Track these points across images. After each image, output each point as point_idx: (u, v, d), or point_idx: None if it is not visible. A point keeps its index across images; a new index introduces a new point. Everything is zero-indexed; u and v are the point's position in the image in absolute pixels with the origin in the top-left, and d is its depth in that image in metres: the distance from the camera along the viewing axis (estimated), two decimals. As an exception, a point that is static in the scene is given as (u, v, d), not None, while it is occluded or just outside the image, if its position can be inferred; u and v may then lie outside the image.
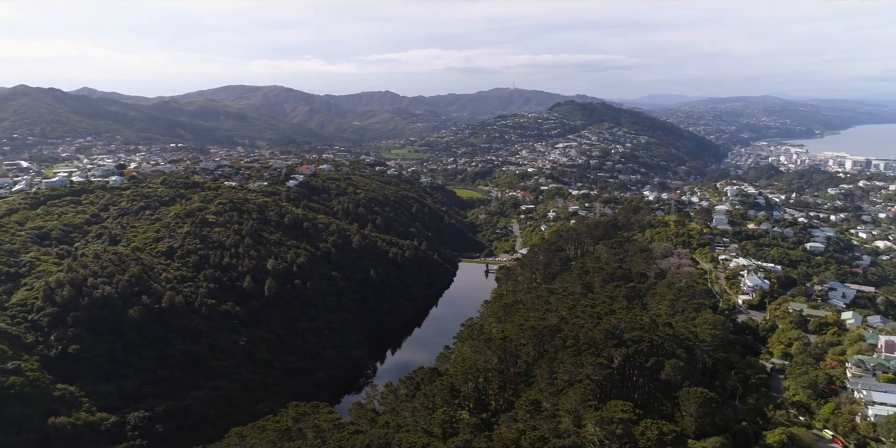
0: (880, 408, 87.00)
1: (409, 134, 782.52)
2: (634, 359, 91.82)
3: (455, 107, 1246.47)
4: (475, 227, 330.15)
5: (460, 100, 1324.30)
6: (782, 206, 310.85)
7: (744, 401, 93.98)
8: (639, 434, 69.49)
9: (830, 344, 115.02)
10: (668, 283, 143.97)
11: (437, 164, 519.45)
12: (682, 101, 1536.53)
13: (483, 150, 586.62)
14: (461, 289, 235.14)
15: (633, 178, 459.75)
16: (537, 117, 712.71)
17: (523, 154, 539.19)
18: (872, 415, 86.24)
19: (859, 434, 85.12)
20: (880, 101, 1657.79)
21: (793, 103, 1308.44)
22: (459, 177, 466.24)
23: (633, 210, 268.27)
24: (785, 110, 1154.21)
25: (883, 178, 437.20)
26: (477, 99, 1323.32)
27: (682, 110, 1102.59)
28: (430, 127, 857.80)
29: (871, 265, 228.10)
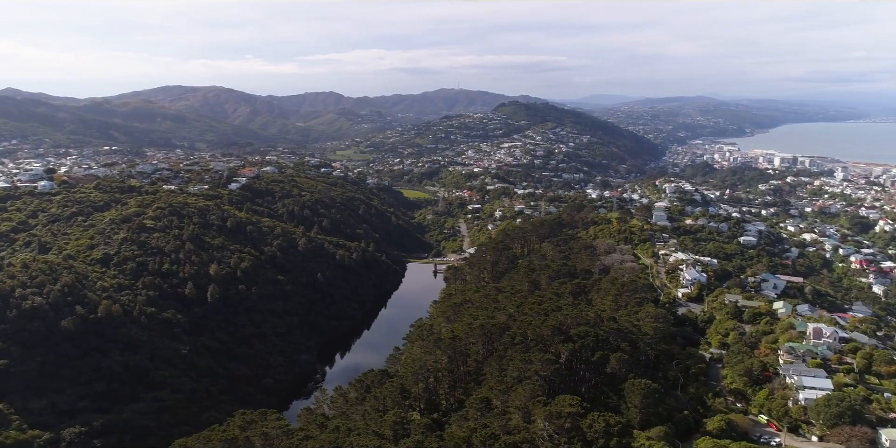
0: (810, 392, 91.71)
1: (354, 135, 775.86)
2: (581, 353, 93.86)
3: (401, 107, 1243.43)
4: (423, 227, 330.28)
5: (406, 100, 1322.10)
6: (717, 202, 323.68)
7: (685, 390, 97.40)
8: (586, 427, 71.13)
9: (764, 333, 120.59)
10: (611, 278, 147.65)
11: (383, 165, 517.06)
12: (622, 101, 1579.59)
13: (429, 151, 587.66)
14: (410, 290, 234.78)
15: (577, 177, 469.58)
16: (482, 117, 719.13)
17: (469, 154, 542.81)
18: (803, 399, 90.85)
19: (791, 417, 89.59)
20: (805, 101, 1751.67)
21: (725, 103, 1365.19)
22: (406, 177, 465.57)
23: (576, 208, 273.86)
24: (718, 110, 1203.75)
25: (808, 174, 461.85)
26: (422, 99, 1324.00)
27: (622, 110, 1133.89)
28: (375, 128, 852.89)
29: (799, 257, 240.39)
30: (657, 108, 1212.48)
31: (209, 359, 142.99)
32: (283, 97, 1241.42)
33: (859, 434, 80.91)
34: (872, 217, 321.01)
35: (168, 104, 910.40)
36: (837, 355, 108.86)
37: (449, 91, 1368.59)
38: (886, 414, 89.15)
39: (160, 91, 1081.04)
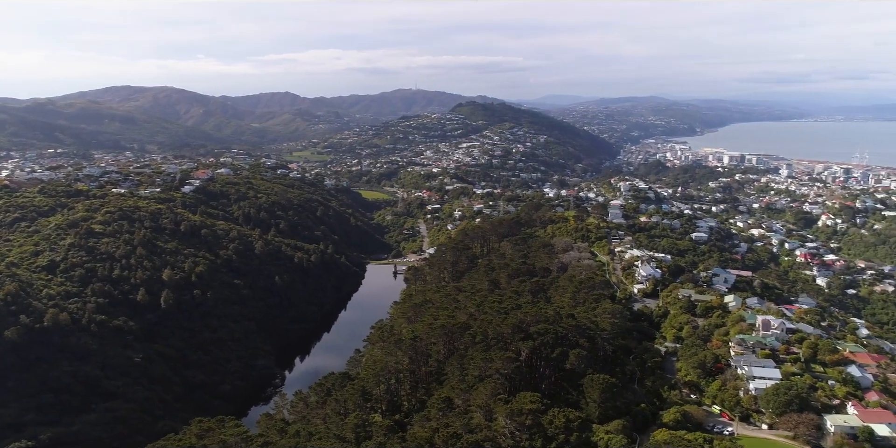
0: (760, 382, 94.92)
1: (311, 136, 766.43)
2: (541, 351, 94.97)
3: (358, 108, 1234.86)
4: (382, 228, 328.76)
5: (363, 101, 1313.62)
6: (670, 200, 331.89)
7: (642, 384, 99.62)
8: (547, 423, 72.06)
9: (716, 326, 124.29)
10: (569, 276, 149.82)
11: (341, 166, 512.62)
12: (577, 101, 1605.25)
13: (387, 151, 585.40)
14: (370, 291, 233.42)
15: (534, 177, 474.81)
16: (440, 118, 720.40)
17: (428, 154, 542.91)
18: (753, 388, 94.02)
19: (743, 407, 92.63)
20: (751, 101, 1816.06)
21: (676, 103, 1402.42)
22: (365, 178, 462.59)
23: (534, 207, 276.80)
24: (670, 110, 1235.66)
25: (755, 172, 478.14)
26: (380, 100, 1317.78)
27: (577, 110, 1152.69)
28: (332, 128, 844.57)
29: (747, 251, 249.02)
30: (611, 108, 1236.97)
31: (163, 366, 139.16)
32: (237, 98, 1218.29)
33: (806, 421, 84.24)
34: (815, 212, 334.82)
35: (116, 105, 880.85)
36: (785, 346, 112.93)
37: (406, 91, 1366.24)
38: (831, 401, 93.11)
39: (108, 91, 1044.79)
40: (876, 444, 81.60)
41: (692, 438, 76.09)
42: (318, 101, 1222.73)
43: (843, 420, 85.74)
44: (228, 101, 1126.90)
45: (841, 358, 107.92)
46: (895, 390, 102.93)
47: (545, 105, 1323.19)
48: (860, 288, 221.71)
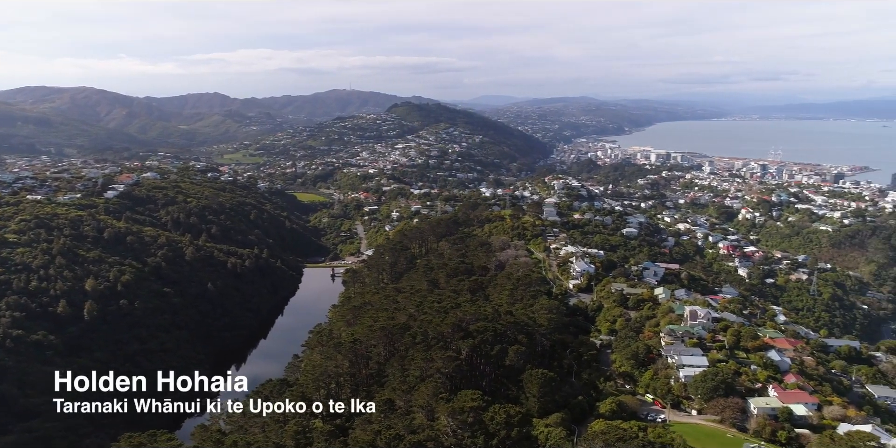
0: (689, 369, 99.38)
1: (242, 137, 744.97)
2: (481, 348, 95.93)
3: (291, 108, 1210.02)
4: (319, 231, 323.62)
5: (296, 101, 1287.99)
6: (602, 197, 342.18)
7: (579, 377, 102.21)
8: (488, 420, 72.78)
9: (647, 317, 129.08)
10: (507, 273, 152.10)
11: (274, 168, 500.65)
12: (511, 101, 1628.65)
13: (323, 153, 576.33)
14: (308, 295, 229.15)
15: (471, 176, 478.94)
16: (376, 118, 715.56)
17: (364, 155, 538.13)
18: (683, 376, 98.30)
19: (674, 394, 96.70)
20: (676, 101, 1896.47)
21: (606, 103, 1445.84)
22: (300, 180, 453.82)
23: (471, 206, 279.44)
24: (600, 110, 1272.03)
25: (680, 169, 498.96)
26: (314, 100, 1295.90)
27: (511, 110, 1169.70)
28: (265, 130, 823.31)
29: (675, 245, 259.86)
30: (544, 108, 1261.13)
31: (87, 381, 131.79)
32: (163, 99, 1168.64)
33: (732, 405, 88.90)
34: (736, 206, 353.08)
35: (30, 106, 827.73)
36: (711, 334, 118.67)
37: (341, 92, 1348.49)
38: (753, 385, 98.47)
39: (21, 92, 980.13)
40: (794, 423, 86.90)
41: (627, 427, 78.67)
42: (250, 101, 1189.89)
43: (765, 402, 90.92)
44: (154, 102, 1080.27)
45: (762, 344, 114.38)
46: (810, 372, 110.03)
47: (480, 105, 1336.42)
48: (777, 277, 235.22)
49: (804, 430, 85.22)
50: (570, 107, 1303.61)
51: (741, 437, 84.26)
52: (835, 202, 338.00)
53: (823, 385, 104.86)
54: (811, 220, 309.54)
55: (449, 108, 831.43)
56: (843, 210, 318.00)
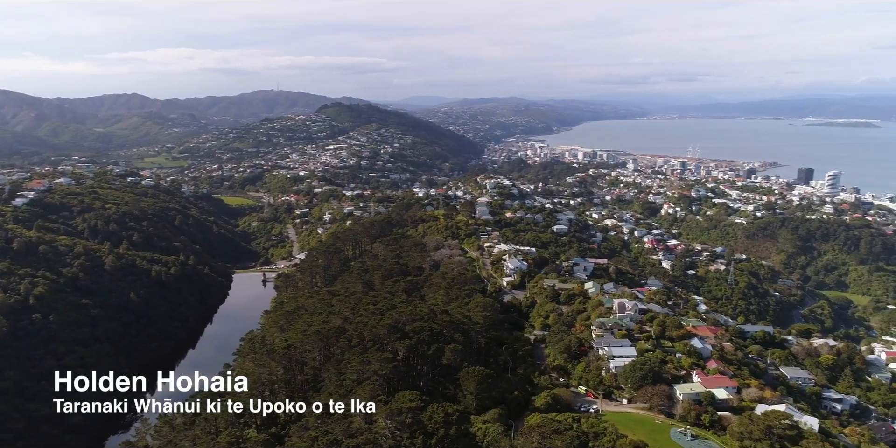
0: (618, 360, 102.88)
1: (164, 140, 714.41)
2: (417, 348, 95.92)
3: (216, 110, 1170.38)
4: (248, 235, 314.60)
5: (221, 102, 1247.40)
6: (532, 195, 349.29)
7: (514, 372, 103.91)
8: (427, 419, 72.90)
9: (578, 311, 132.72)
10: (442, 273, 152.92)
11: (200, 172, 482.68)
12: (442, 102, 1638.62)
13: (251, 155, 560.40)
14: (238, 302, 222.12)
15: (403, 177, 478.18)
16: (305, 119, 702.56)
17: (294, 157, 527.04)
18: (613, 367, 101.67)
19: (605, 385, 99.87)
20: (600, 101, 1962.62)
21: (534, 103, 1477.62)
22: (227, 184, 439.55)
23: (405, 207, 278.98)
24: (528, 110, 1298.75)
25: (606, 167, 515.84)
26: (240, 101, 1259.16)
27: (442, 111, 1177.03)
28: (188, 132, 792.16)
29: (603, 240, 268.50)
30: (474, 108, 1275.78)
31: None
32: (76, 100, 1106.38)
33: (659, 392, 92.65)
34: (658, 202, 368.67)
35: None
36: (638, 325, 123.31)
37: (268, 92, 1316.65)
38: (679, 372, 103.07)
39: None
40: (717, 406, 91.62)
41: (562, 419, 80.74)
42: (171, 103, 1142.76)
43: (689, 388, 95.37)
44: (66, 104, 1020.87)
45: (685, 332, 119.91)
46: (730, 357, 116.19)
47: (411, 106, 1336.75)
48: (698, 268, 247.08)
49: (725, 412, 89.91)
50: (500, 107, 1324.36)
51: (668, 422, 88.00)
52: (748, 196, 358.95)
53: (742, 369, 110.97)
54: (727, 214, 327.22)
55: (380, 108, 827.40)
56: (755, 203, 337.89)
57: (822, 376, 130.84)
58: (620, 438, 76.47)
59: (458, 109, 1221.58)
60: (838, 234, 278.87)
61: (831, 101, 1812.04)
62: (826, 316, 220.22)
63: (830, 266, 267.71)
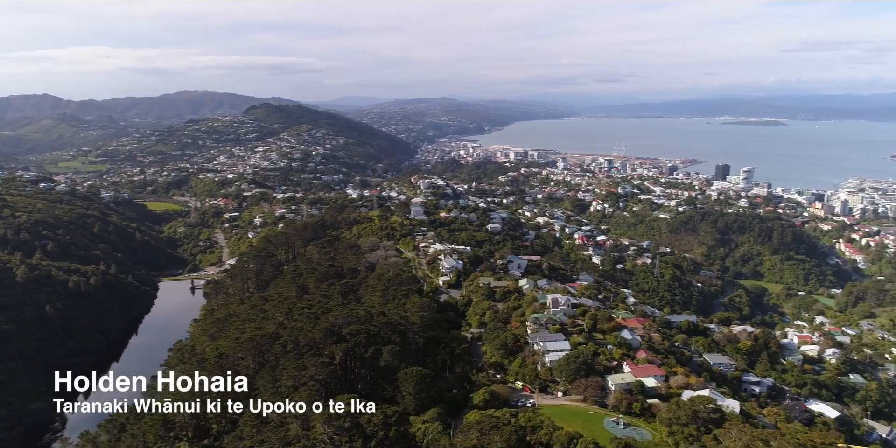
0: (553, 354, 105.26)
1: (80, 143, 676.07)
2: (354, 351, 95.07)
3: (136, 111, 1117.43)
4: (175, 241, 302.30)
5: (142, 103, 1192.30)
6: (466, 195, 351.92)
7: (452, 371, 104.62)
8: (366, 422, 72.31)
9: (513, 308, 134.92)
10: (378, 274, 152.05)
11: (120, 176, 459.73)
12: (374, 102, 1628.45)
13: (175, 158, 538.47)
14: (165, 311, 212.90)
15: (336, 178, 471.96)
16: (233, 121, 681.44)
17: (221, 160, 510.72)
18: (548, 361, 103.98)
19: (541, 379, 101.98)
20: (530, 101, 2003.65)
21: (466, 104, 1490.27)
22: (150, 188, 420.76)
23: (338, 209, 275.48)
24: (460, 110, 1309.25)
25: (537, 165, 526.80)
26: (162, 102, 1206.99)
27: (374, 111, 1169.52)
28: (107, 134, 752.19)
29: (535, 238, 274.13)
30: (407, 108, 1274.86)
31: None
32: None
33: (592, 383, 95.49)
34: (587, 199, 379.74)
35: None
36: (571, 319, 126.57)
37: (192, 93, 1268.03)
38: (610, 363, 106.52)
39: None
40: (646, 394, 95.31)
41: (500, 415, 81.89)
42: (87, 104, 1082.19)
43: (620, 378, 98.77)
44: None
45: (616, 325, 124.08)
46: (658, 347, 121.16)
47: (342, 106, 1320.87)
48: (626, 262, 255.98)
49: (655, 400, 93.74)
50: (432, 107, 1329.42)
51: (602, 412, 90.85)
52: (671, 192, 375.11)
53: (669, 358, 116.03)
54: (652, 209, 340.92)
55: (311, 109, 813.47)
56: (677, 199, 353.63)
57: (741, 361, 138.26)
58: (557, 430, 78.22)
59: (390, 110, 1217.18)
60: (753, 226, 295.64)
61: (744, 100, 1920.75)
62: (744, 304, 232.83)
63: (747, 257, 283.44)
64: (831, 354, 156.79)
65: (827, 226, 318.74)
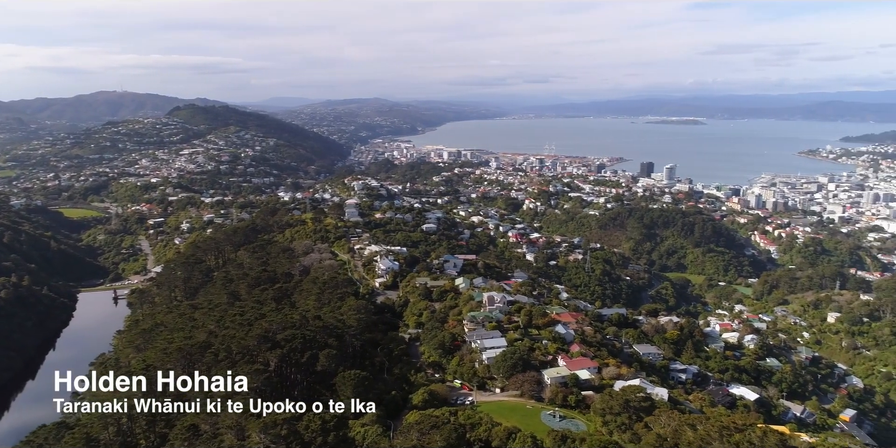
0: (490, 351, 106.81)
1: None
2: (290, 357, 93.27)
3: (49, 113, 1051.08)
4: (94, 250, 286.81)
5: (55, 105, 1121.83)
6: (401, 195, 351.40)
7: (391, 372, 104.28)
8: (303, 428, 71.19)
9: (450, 307, 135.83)
10: (312, 278, 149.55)
11: (32, 182, 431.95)
12: (305, 103, 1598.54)
13: (93, 162, 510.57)
14: (86, 323, 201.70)
15: (267, 181, 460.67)
16: (155, 123, 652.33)
17: (144, 163, 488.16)
18: (486, 358, 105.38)
19: (479, 376, 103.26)
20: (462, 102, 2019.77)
21: (398, 104, 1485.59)
22: (66, 194, 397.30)
23: (270, 212, 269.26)
24: (393, 111, 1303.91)
25: (471, 165, 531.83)
26: (77, 103, 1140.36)
27: (305, 112, 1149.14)
28: (16, 138, 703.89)
29: (471, 237, 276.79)
30: (338, 109, 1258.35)
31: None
32: None
33: (529, 378, 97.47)
34: (520, 198, 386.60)
35: None
36: (507, 316, 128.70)
37: (111, 94, 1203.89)
38: (546, 357, 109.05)
39: None
40: (581, 386, 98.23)
41: (439, 414, 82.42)
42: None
43: (556, 372, 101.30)
44: None
45: (550, 320, 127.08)
46: (590, 340, 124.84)
47: (272, 107, 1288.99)
48: (559, 259, 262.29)
49: (589, 391, 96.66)
50: (365, 108, 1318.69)
51: (539, 406, 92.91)
52: (599, 189, 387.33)
53: (601, 350, 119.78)
54: (582, 206, 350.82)
55: (238, 110, 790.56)
56: (606, 196, 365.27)
57: (668, 350, 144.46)
58: (495, 427, 79.39)
59: (321, 111, 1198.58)
60: (676, 221, 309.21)
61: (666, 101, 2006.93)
62: (670, 295, 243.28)
63: (671, 250, 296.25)
64: (750, 340, 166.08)
65: (743, 219, 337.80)
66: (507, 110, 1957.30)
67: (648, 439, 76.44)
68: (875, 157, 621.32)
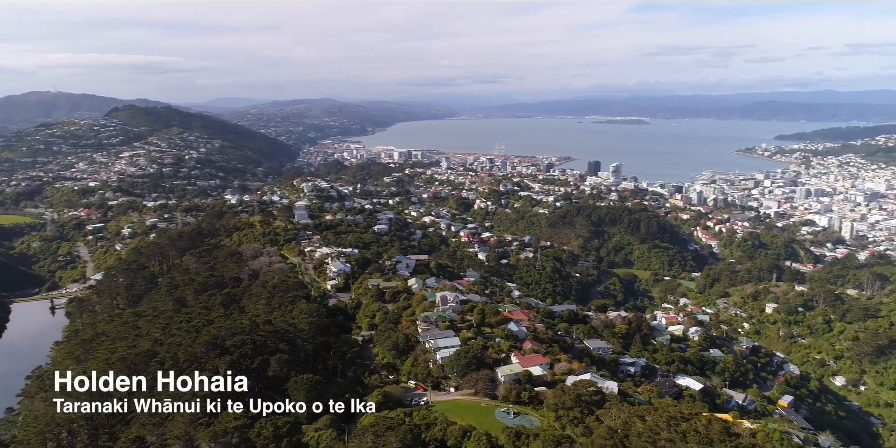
0: (444, 351, 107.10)
1: None
2: (240, 363, 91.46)
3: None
4: (28, 258, 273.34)
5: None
6: (352, 197, 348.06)
7: (344, 375, 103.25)
8: (255, 436, 70.09)
9: (403, 308, 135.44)
10: (262, 282, 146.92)
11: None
12: (251, 103, 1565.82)
13: (25, 166, 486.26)
14: (21, 335, 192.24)
15: (213, 183, 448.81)
16: (93, 124, 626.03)
17: (81, 167, 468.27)
18: (440, 358, 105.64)
19: (433, 376, 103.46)
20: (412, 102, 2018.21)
21: (347, 105, 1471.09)
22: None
23: (217, 215, 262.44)
24: (342, 111, 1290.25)
25: (422, 166, 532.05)
26: (7, 104, 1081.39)
27: (251, 113, 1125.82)
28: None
29: (423, 237, 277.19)
30: (286, 110, 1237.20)
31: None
32: None
33: (483, 377, 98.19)
34: (471, 197, 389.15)
35: None
36: (460, 315, 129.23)
37: (44, 94, 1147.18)
38: (499, 355, 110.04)
39: None
40: (534, 382, 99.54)
41: (394, 415, 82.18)
42: None
43: (509, 369, 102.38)
44: None
45: (502, 318, 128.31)
46: (542, 336, 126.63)
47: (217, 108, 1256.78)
48: (510, 257, 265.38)
49: (542, 387, 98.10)
50: (313, 108, 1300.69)
51: (493, 404, 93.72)
52: (548, 188, 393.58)
53: (553, 346, 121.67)
54: (532, 205, 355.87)
55: (182, 111, 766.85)
56: (555, 195, 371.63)
57: (617, 344, 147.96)
58: (451, 426, 79.74)
59: (268, 111, 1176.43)
60: (623, 218, 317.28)
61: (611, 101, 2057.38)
62: (618, 291, 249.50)
63: (618, 246, 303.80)
64: (694, 332, 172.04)
65: (686, 215, 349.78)
66: (457, 110, 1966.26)
67: (600, 432, 78.19)
68: (807, 155, 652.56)
